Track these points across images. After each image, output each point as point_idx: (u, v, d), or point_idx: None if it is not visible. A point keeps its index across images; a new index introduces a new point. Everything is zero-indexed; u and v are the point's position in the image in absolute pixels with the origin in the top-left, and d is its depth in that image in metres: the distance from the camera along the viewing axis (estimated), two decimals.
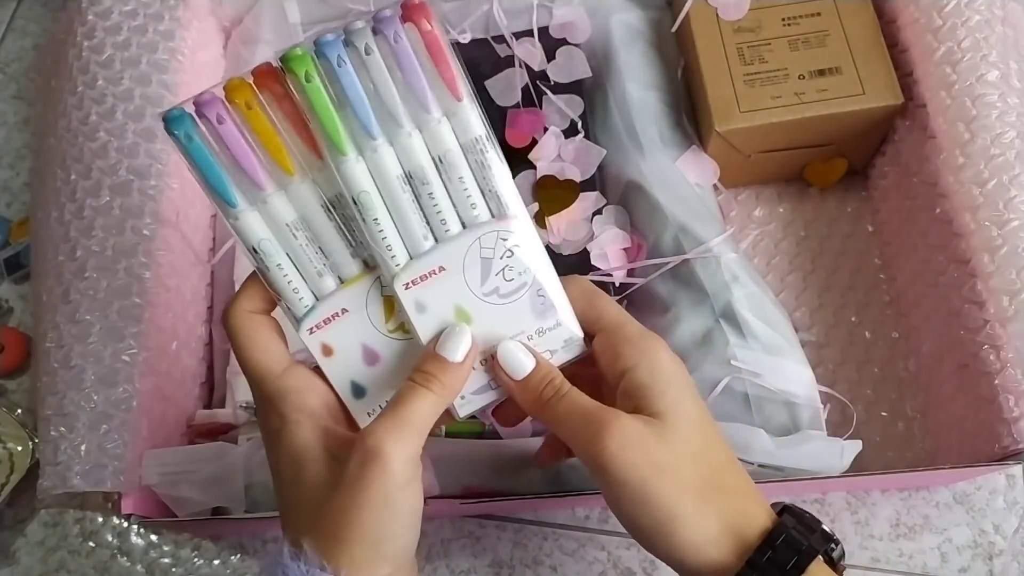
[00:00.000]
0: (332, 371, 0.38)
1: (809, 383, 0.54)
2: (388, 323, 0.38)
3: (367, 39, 0.34)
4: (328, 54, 0.34)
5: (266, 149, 0.35)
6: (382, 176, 0.36)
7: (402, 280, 0.37)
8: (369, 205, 0.36)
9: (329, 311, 0.37)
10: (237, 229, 0.36)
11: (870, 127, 0.60)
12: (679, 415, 0.36)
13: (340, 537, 0.33)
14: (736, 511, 0.36)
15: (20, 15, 0.79)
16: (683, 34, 0.63)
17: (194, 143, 0.35)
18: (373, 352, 0.38)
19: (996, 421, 0.49)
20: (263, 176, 0.36)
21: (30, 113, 0.74)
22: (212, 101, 0.34)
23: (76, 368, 0.51)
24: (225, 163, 0.35)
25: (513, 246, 0.38)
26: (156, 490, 0.52)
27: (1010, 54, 0.54)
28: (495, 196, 0.37)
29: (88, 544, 0.60)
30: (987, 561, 0.56)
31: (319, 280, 0.37)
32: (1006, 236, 0.50)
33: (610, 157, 0.61)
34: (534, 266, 0.38)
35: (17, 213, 0.70)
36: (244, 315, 0.37)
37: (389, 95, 0.35)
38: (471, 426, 0.53)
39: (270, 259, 0.37)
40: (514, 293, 0.38)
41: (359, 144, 0.35)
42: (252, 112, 0.35)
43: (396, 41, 0.34)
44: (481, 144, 0.36)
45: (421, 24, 0.35)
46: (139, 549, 0.59)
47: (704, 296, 0.55)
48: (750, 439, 0.50)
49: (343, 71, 0.34)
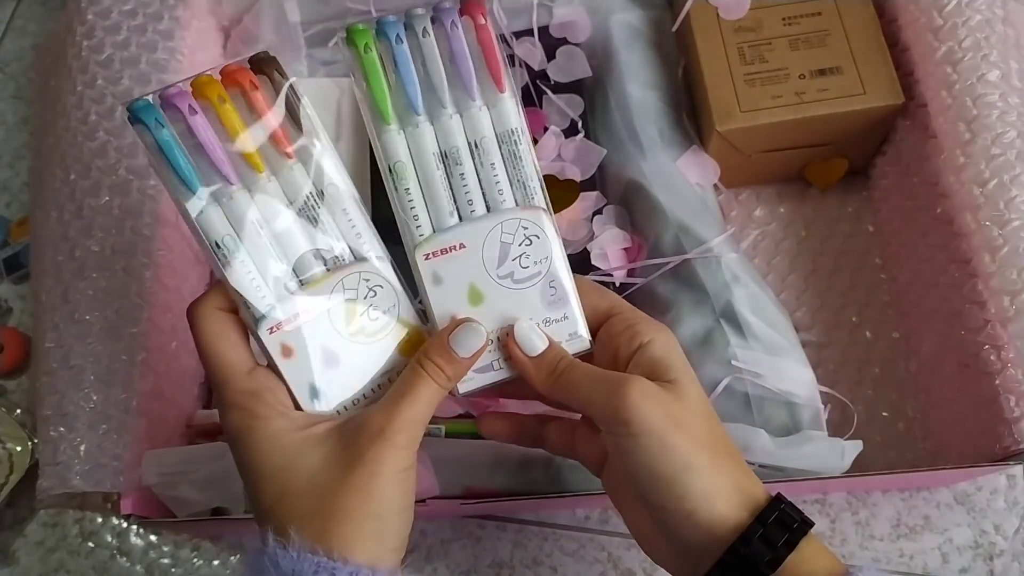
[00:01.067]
0: (290, 373, 0.38)
1: (810, 383, 0.54)
2: (349, 326, 0.38)
3: (426, 23, 0.37)
4: (388, 32, 0.37)
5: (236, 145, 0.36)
6: (419, 150, 0.38)
7: (423, 250, 0.38)
8: (403, 175, 0.38)
9: (290, 312, 0.37)
10: (201, 223, 0.36)
11: (871, 127, 0.60)
12: (690, 385, 0.38)
13: (352, 515, 0.34)
14: (743, 473, 0.37)
15: (19, 15, 0.79)
16: (683, 34, 0.63)
17: (164, 131, 0.35)
18: (334, 355, 0.38)
19: (997, 421, 0.49)
20: (231, 170, 0.36)
21: (29, 113, 0.74)
22: (182, 94, 0.35)
23: (76, 368, 0.51)
24: (192, 155, 0.35)
25: (532, 235, 0.39)
26: (155, 490, 0.51)
27: (1011, 54, 0.54)
28: (522, 186, 0.39)
29: (87, 544, 0.59)
30: (988, 561, 0.56)
31: (280, 279, 0.37)
32: (1007, 236, 0.50)
33: (610, 157, 0.61)
34: (550, 258, 0.39)
35: (16, 213, 0.70)
36: (213, 311, 0.37)
37: (438, 77, 0.38)
38: (471, 426, 0.53)
39: (233, 255, 0.36)
40: (528, 280, 0.40)
41: (402, 118, 0.38)
42: (224, 106, 0.35)
43: (452, 29, 0.37)
44: (516, 136, 0.39)
45: (477, 18, 0.38)
46: (138, 549, 0.59)
47: (705, 296, 0.55)
48: (751, 439, 0.50)
49: (399, 48, 0.37)
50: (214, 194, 0.36)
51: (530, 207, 0.39)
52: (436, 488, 0.50)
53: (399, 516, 0.36)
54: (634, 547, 0.57)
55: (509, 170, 0.39)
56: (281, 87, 0.36)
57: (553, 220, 0.40)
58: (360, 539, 0.34)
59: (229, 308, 0.37)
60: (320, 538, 0.34)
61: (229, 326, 0.37)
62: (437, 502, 0.50)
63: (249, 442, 0.36)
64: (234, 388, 0.36)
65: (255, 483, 0.36)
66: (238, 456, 0.37)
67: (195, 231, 0.36)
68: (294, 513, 0.35)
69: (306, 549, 0.33)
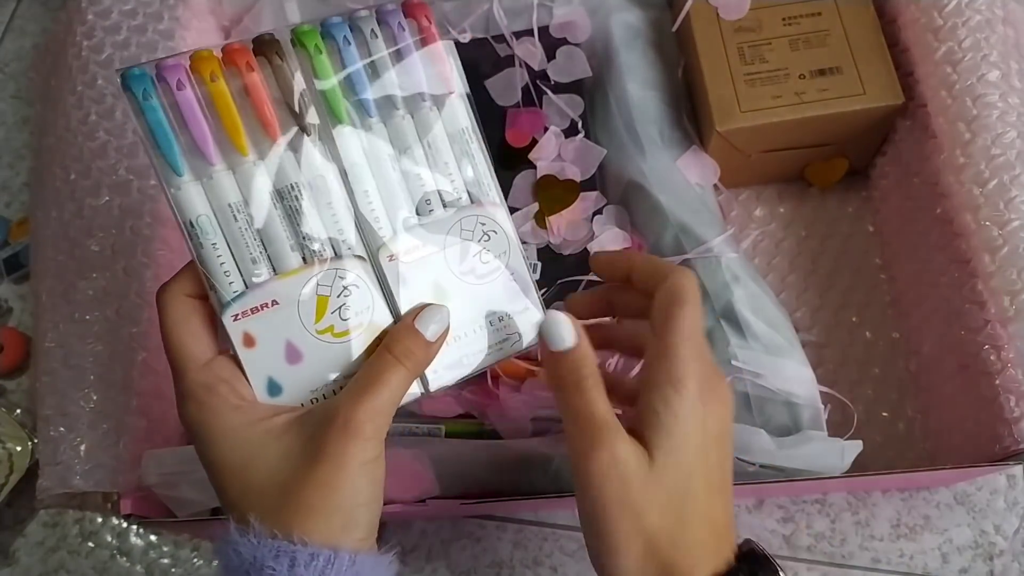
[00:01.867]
0: (250, 363, 0.37)
1: (810, 383, 0.54)
2: (318, 323, 0.37)
3: (372, 25, 0.37)
4: (335, 33, 0.37)
5: (223, 124, 0.35)
6: (374, 152, 0.38)
7: (386, 252, 0.38)
8: (360, 177, 0.38)
9: (258, 300, 0.37)
10: (176, 200, 0.36)
11: (871, 127, 0.60)
12: (669, 463, 0.35)
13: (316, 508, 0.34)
14: (684, 570, 0.35)
15: (19, 15, 0.79)
16: (683, 34, 0.63)
17: (150, 103, 0.34)
18: (297, 350, 0.37)
19: (997, 421, 0.49)
20: (213, 150, 0.36)
21: (29, 113, 0.74)
22: (175, 67, 0.35)
23: (76, 368, 0.51)
24: (176, 130, 0.35)
25: (490, 231, 0.40)
26: (155, 490, 0.51)
27: (1011, 54, 0.54)
28: (476, 184, 0.40)
29: (87, 544, 0.59)
30: (988, 561, 0.56)
31: (252, 267, 0.37)
32: (1007, 236, 0.50)
33: (610, 157, 0.61)
34: (508, 252, 0.40)
35: (16, 213, 0.70)
36: (179, 297, 0.37)
37: (388, 79, 0.38)
38: (471, 426, 0.53)
39: (206, 236, 0.36)
40: (489, 275, 0.40)
41: (355, 119, 0.38)
42: (215, 85, 0.35)
43: (399, 31, 0.37)
44: (467, 135, 0.39)
45: (420, 20, 0.38)
46: (138, 549, 0.59)
47: (705, 296, 0.55)
48: (751, 439, 0.50)
49: (348, 49, 0.37)
50: (195, 172, 0.36)
51: (486, 203, 0.40)
52: (436, 488, 0.50)
53: (367, 507, 0.35)
54: None
55: (462, 168, 0.39)
56: (280, 71, 0.36)
57: (508, 214, 0.40)
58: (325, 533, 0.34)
59: (198, 294, 0.37)
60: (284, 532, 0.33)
61: (193, 313, 0.37)
62: (437, 502, 0.50)
63: (205, 436, 0.36)
64: (189, 379, 0.36)
65: (216, 478, 0.36)
66: (197, 449, 0.36)
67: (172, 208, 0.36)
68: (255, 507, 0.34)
69: (265, 535, 0.33)
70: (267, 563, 0.33)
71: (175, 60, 0.35)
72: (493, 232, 0.40)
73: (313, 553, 0.33)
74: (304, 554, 0.33)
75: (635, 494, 0.35)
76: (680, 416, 0.35)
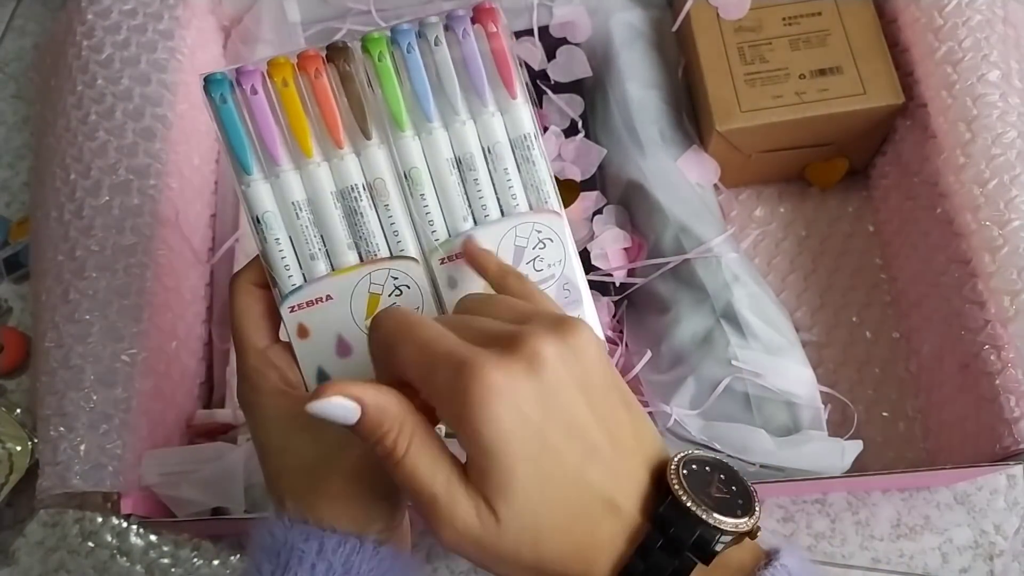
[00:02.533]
0: (303, 353, 0.39)
1: (810, 383, 0.54)
2: (368, 319, 0.39)
3: (438, 32, 0.38)
4: (401, 40, 0.37)
5: (291, 127, 0.37)
6: (434, 156, 0.38)
7: (439, 255, 0.39)
8: (418, 180, 0.38)
9: (314, 294, 0.38)
10: (246, 196, 0.38)
11: (871, 127, 0.60)
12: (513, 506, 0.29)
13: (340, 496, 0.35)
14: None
15: (19, 14, 0.79)
16: (684, 33, 0.63)
17: (226, 106, 0.36)
18: (347, 344, 0.39)
19: (997, 421, 0.49)
20: (281, 151, 0.37)
21: (29, 112, 0.74)
22: (252, 72, 0.37)
23: (75, 368, 0.51)
24: (249, 132, 0.37)
25: (546, 239, 0.40)
26: (156, 490, 0.51)
27: (1011, 54, 0.54)
28: (536, 190, 0.40)
29: (87, 544, 0.59)
30: (988, 561, 0.56)
31: (311, 263, 0.38)
32: (1007, 236, 0.50)
33: (610, 157, 0.61)
34: (564, 261, 0.40)
35: (16, 213, 0.70)
36: (247, 286, 0.39)
37: (450, 85, 0.38)
38: None
39: (270, 232, 0.38)
40: (541, 283, 0.40)
41: (417, 125, 0.38)
42: (287, 89, 0.37)
43: (464, 37, 0.38)
44: (529, 141, 0.39)
45: (488, 26, 0.38)
46: (138, 549, 0.59)
47: (705, 296, 0.55)
48: (751, 439, 0.50)
49: (411, 56, 0.37)
50: (264, 171, 0.38)
51: (543, 210, 0.39)
52: None
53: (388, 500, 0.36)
54: None
55: (523, 175, 0.39)
56: (348, 77, 0.37)
57: (567, 223, 0.40)
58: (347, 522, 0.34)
59: (264, 283, 0.39)
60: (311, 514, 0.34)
61: (257, 302, 0.39)
62: None
63: (253, 418, 0.37)
64: (246, 363, 0.38)
65: (260, 456, 0.37)
66: (248, 426, 0.38)
67: (242, 203, 0.38)
68: (289, 490, 0.36)
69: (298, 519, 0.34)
70: (298, 545, 0.34)
71: (254, 66, 0.37)
72: (549, 240, 0.40)
73: (341, 540, 0.34)
74: (332, 540, 0.34)
75: (496, 550, 0.30)
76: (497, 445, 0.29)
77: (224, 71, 0.37)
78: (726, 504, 0.30)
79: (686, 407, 0.53)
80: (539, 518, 0.29)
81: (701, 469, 0.31)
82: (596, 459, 0.30)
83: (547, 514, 0.30)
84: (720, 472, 0.31)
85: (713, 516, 0.29)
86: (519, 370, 0.28)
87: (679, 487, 0.30)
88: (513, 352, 0.29)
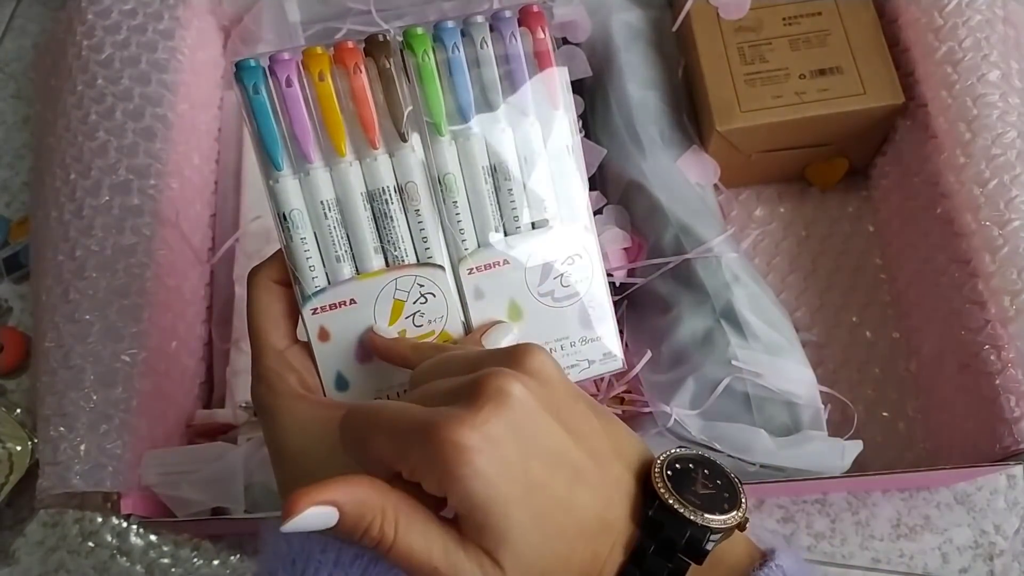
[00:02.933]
0: (323, 356, 0.38)
1: (810, 383, 0.54)
2: (391, 326, 0.38)
3: (484, 33, 0.36)
4: (446, 39, 0.36)
5: (324, 123, 0.36)
6: (469, 163, 0.37)
7: (468, 264, 0.38)
8: (452, 187, 0.37)
9: (338, 297, 0.37)
10: (274, 192, 0.36)
11: (871, 127, 0.60)
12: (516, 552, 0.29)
13: None
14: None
15: (20, 14, 0.79)
16: (684, 33, 0.63)
17: (259, 97, 0.35)
18: (367, 349, 0.38)
19: (997, 421, 0.49)
20: (313, 148, 0.36)
21: (29, 112, 0.74)
22: (288, 62, 0.35)
23: (76, 368, 0.51)
24: (281, 125, 0.36)
25: (575, 255, 0.39)
26: (155, 490, 0.51)
27: (1011, 54, 0.54)
28: (568, 205, 0.39)
29: (87, 544, 0.59)
30: (988, 561, 0.56)
31: (337, 265, 0.37)
32: (1007, 236, 0.50)
33: (611, 157, 0.61)
34: (590, 278, 0.39)
35: (16, 212, 0.70)
36: (266, 282, 0.37)
37: (493, 89, 0.37)
38: None
39: (296, 230, 0.37)
40: (567, 299, 0.39)
41: (454, 128, 0.37)
42: (323, 84, 0.35)
43: (511, 41, 0.36)
44: (566, 154, 0.38)
45: (536, 31, 0.37)
46: (138, 549, 0.59)
47: (705, 296, 0.55)
48: (751, 439, 0.50)
49: (455, 57, 0.36)
50: (294, 167, 0.36)
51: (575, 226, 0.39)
52: None
53: None
54: None
55: (557, 187, 0.38)
56: (387, 74, 0.36)
57: (596, 241, 0.39)
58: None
59: (285, 281, 0.38)
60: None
61: (277, 300, 0.37)
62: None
63: (269, 420, 0.36)
64: (263, 363, 0.37)
65: (274, 461, 0.37)
66: (263, 431, 0.37)
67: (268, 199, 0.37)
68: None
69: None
70: (315, 555, 0.33)
71: (289, 55, 0.35)
72: (578, 256, 0.39)
73: (359, 551, 0.33)
74: (350, 551, 0.33)
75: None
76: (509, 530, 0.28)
77: (256, 58, 0.35)
78: (712, 500, 0.30)
79: (686, 407, 0.53)
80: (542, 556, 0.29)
81: (685, 467, 0.31)
82: (582, 481, 0.29)
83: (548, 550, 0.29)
84: (704, 468, 0.31)
85: (702, 516, 0.29)
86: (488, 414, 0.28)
87: (664, 490, 0.30)
88: (477, 399, 0.28)
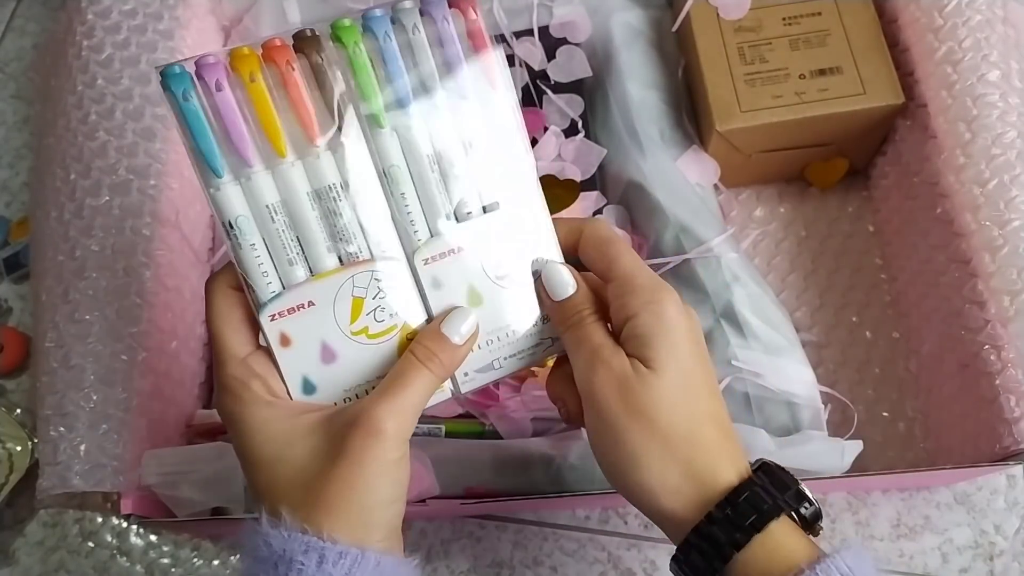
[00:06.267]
0: (286, 363, 0.37)
1: (810, 383, 0.54)
2: (353, 324, 0.38)
3: (415, 19, 0.36)
4: (375, 28, 0.35)
5: (261, 125, 0.35)
6: (413, 153, 0.37)
7: (422, 255, 0.38)
8: (398, 179, 0.37)
9: (295, 301, 0.37)
10: (216, 200, 0.35)
11: (871, 127, 0.60)
12: (669, 366, 0.37)
13: (337, 506, 0.34)
14: (705, 465, 0.37)
15: (19, 14, 0.79)
16: (684, 33, 0.63)
17: (189, 104, 0.34)
18: (331, 351, 0.38)
19: (997, 421, 0.49)
20: (252, 152, 0.35)
21: (29, 112, 0.74)
22: (215, 65, 0.34)
23: (75, 368, 0.51)
24: (216, 131, 0.35)
25: (529, 237, 0.39)
26: (155, 490, 0.51)
27: (1011, 54, 0.54)
28: (517, 187, 0.39)
29: (87, 544, 0.59)
30: (988, 561, 0.56)
31: (290, 268, 0.37)
32: (1007, 236, 0.50)
33: (610, 157, 0.61)
34: (546, 257, 0.40)
35: (16, 212, 0.70)
36: (224, 289, 0.37)
37: (429, 75, 0.36)
38: (471, 426, 0.53)
39: (244, 237, 0.36)
40: (525, 281, 0.40)
41: (394, 119, 0.36)
42: (254, 85, 0.34)
43: (442, 23, 0.36)
44: (510, 136, 0.38)
45: (467, 12, 0.36)
46: (138, 549, 0.59)
47: (705, 296, 0.55)
48: (751, 439, 0.50)
49: (388, 46, 0.35)
50: (234, 173, 0.35)
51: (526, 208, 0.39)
52: (436, 488, 0.50)
53: (387, 507, 0.36)
54: (634, 547, 0.57)
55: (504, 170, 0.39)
56: (320, 69, 0.35)
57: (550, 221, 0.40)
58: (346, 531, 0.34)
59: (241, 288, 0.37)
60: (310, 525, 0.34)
61: (236, 307, 0.37)
62: (437, 502, 0.50)
63: (238, 429, 0.36)
64: (226, 372, 0.37)
65: (247, 468, 0.37)
66: (232, 439, 0.37)
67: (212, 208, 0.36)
68: (283, 501, 0.35)
69: (296, 529, 0.34)
70: (296, 557, 0.33)
71: (215, 58, 0.34)
72: (532, 238, 0.39)
73: (342, 552, 0.33)
74: (333, 552, 0.33)
75: (641, 399, 0.36)
76: (669, 325, 0.37)
77: (182, 63, 0.34)
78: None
79: None
80: (690, 381, 0.37)
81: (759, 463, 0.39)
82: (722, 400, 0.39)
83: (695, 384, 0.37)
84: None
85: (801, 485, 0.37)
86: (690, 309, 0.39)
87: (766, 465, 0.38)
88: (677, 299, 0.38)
